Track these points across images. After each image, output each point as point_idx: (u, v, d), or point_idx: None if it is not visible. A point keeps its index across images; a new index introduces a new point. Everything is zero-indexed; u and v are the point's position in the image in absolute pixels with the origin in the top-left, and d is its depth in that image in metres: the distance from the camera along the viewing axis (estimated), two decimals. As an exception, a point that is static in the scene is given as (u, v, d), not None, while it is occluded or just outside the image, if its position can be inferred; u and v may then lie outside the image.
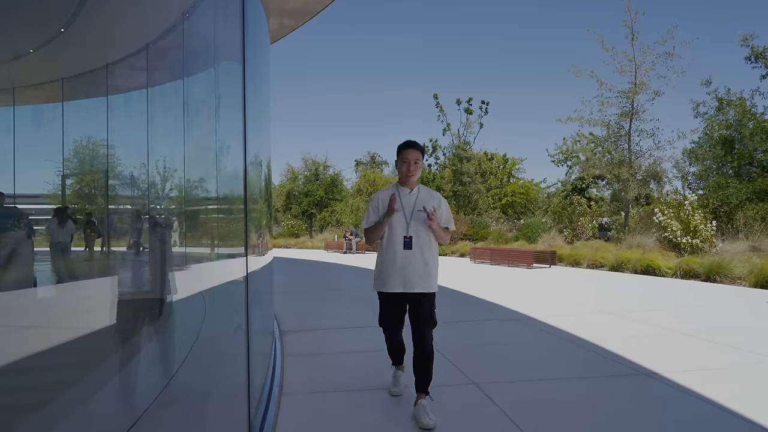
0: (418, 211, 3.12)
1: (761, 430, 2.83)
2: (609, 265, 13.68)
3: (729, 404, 3.22)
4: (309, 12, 6.46)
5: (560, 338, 5.21)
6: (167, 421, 1.67)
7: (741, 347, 4.73)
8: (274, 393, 3.31)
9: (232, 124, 2.81)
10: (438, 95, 28.93)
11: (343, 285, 10.79)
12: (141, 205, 1.63)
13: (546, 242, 18.58)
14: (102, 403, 1.31)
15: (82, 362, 1.25)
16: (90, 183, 1.36)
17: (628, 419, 3.04)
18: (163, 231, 1.75)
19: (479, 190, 27.49)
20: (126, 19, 1.55)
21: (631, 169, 18.05)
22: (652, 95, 17.87)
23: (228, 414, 2.29)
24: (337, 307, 7.51)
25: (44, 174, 1.13)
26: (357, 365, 4.24)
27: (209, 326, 2.20)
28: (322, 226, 33.07)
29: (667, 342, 5.00)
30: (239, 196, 2.82)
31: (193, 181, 2.12)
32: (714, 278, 10.86)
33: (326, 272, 13.87)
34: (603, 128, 18.86)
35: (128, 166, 1.52)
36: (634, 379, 3.81)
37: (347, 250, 22.45)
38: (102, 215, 1.41)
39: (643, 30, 23.66)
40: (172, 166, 1.82)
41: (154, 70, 1.67)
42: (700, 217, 14.49)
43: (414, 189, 3.23)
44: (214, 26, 2.53)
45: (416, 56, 74.24)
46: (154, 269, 1.67)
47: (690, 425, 2.95)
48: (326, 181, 34.60)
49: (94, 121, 1.37)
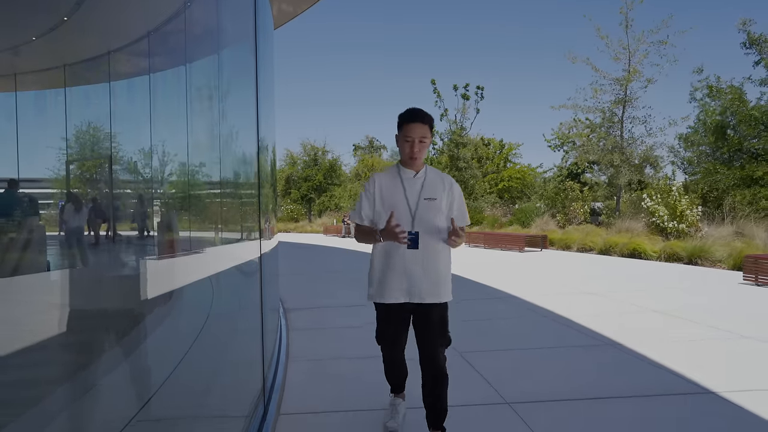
0: (426, 199, 2.43)
1: (692, 384, 3.34)
2: (598, 248, 14.20)
3: (674, 367, 3.73)
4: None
5: (541, 315, 5.72)
6: (203, 374, 2.14)
7: (701, 322, 5.24)
8: (281, 359, 3.82)
9: (246, 109, 3.08)
10: (435, 81, 29.17)
11: (341, 267, 11.30)
12: (155, 191, 1.75)
13: (539, 227, 19.10)
14: (150, 353, 1.77)
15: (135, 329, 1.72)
16: (92, 168, 1.40)
17: (583, 379, 3.55)
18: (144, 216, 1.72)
19: (475, 175, 27.93)
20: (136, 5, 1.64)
21: (623, 155, 18.49)
22: (645, 83, 18.24)
23: (249, 372, 2.78)
24: (336, 288, 8.03)
25: (47, 160, 1.13)
26: (354, 338, 4.75)
27: (230, 302, 2.67)
28: (321, 211, 33.56)
29: (637, 318, 5.52)
30: (254, 183, 3.25)
31: (218, 169, 2.51)
32: (696, 261, 11.40)
33: (325, 255, 14.38)
34: (598, 114, 19.24)
35: (149, 151, 1.59)
36: (597, 349, 4.32)
37: (345, 234, 22.96)
38: (116, 201, 1.48)
39: (638, 18, 23.81)
40: (204, 158, 2.25)
41: (167, 55, 1.81)
42: (686, 202, 14.98)
43: (420, 172, 2.50)
44: (232, 11, 2.76)
45: (415, 42, 73.97)
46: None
47: (634, 382, 3.47)
48: (325, 166, 34.97)
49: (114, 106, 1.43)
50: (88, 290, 1.31)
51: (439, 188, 2.49)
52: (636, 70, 18.16)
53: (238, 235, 2.94)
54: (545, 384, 3.47)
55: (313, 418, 2.96)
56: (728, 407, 3.02)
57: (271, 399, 3.04)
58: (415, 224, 2.42)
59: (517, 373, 3.72)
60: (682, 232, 14.49)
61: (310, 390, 3.42)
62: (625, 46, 18.22)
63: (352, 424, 2.87)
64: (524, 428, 2.77)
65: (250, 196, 3.38)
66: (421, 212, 2.43)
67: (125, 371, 1.48)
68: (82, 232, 1.19)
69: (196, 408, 2.01)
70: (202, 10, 2.33)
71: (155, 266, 1.70)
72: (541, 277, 9.21)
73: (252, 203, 3.40)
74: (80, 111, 1.31)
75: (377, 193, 2.49)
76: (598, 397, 3.22)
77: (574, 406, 3.08)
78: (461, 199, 2.57)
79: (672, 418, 2.90)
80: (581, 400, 3.17)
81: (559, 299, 6.61)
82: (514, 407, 3.06)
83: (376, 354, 2.80)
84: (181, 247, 1.95)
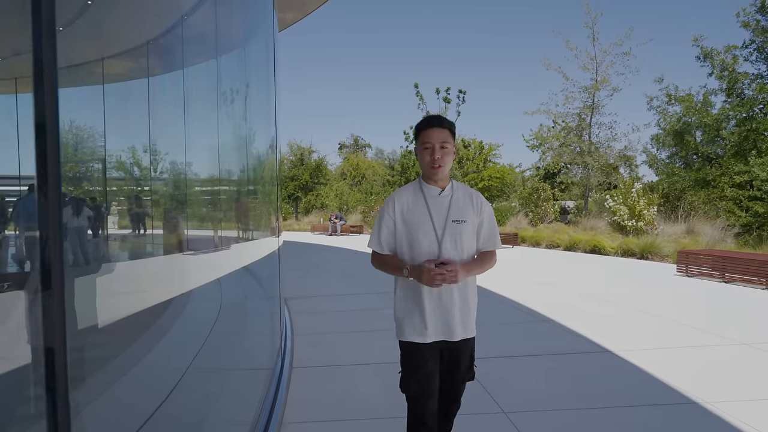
0: (454, 222, 2.12)
1: (595, 345, 4.56)
2: (564, 245, 15.54)
3: (587, 335, 4.96)
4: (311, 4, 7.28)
5: (498, 301, 6.94)
6: (249, 337, 3.24)
7: (619, 303, 6.51)
8: (289, 332, 4.95)
9: (267, 116, 3.80)
10: (418, 84, 30.33)
11: (329, 263, 12.42)
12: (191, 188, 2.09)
13: (513, 225, 20.45)
14: (220, 321, 2.88)
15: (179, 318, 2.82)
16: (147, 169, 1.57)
17: (514, 345, 4.76)
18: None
19: (455, 176, 29.19)
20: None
21: (591, 157, 19.94)
22: (611, 91, 19.69)
23: (271, 338, 3.90)
24: (324, 281, 9.17)
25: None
26: (345, 318, 5.90)
27: (260, 287, 3.78)
28: (307, 209, 34.56)
29: (572, 302, 6.77)
30: (272, 188, 4.27)
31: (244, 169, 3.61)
32: (647, 256, 12.79)
33: (313, 252, 15.47)
34: (575, 117, 20.66)
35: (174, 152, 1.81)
36: (538, 325, 5.54)
37: (332, 233, 24.05)
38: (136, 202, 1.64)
39: (604, 31, 25.21)
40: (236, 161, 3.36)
41: (195, 55, 2.06)
42: (644, 203, 16.43)
43: (446, 188, 2.16)
44: (253, 15, 3.47)
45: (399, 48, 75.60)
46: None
47: (553, 344, 4.67)
48: (311, 165, 35.93)
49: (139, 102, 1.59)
50: (184, 273, 2.35)
51: (468, 208, 2.16)
52: (605, 78, 19.61)
53: (266, 233, 4.05)
54: (487, 348, 4.67)
55: (315, 370, 4.10)
56: (617, 360, 4.26)
57: (285, 358, 4.18)
58: (442, 251, 2.09)
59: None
60: (640, 230, 15.92)
61: (311, 354, 4.56)
62: (593, 57, 19.65)
63: (343, 375, 4.02)
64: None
65: (270, 199, 4.41)
66: (448, 237, 2.10)
67: (207, 327, 2.60)
68: (85, 232, 1.25)
69: (244, 360, 3.12)
70: (227, 19, 2.71)
71: (219, 256, 2.83)
72: (506, 270, 10.46)
73: (272, 203, 4.42)
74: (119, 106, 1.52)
75: (398, 215, 2.14)
76: (521, 355, 4.43)
77: (504, 362, 4.28)
78: (492, 219, 2.24)
79: (576, 369, 4.12)
80: (510, 357, 4.37)
81: (516, 287, 7.84)
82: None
83: (361, 329, 3.96)
84: (232, 241, 3.06)
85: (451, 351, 2.18)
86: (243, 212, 3.31)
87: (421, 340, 2.12)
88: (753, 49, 17.87)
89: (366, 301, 7.02)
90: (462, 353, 2.20)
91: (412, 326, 2.14)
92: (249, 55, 3.35)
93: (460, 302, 2.16)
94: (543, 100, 37.29)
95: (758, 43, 17.67)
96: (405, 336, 2.15)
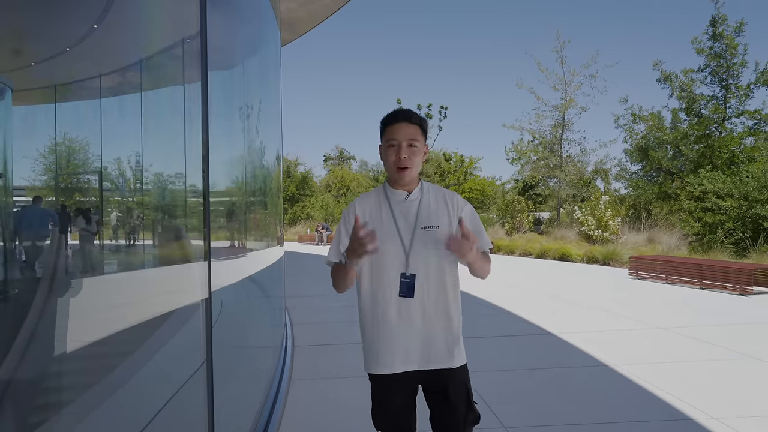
0: (424, 229, 1.80)
1: (539, 329, 5.60)
2: (535, 253, 16.71)
3: (537, 323, 6.01)
4: (314, 20, 7.48)
5: (468, 300, 7.96)
6: (267, 326, 4.18)
7: (574, 301, 7.60)
8: (288, 325, 5.90)
9: (275, 132, 4.84)
10: (401, 100, 31.62)
11: (317, 269, 13.35)
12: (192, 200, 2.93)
13: (490, 235, 21.62)
14: (248, 316, 3.83)
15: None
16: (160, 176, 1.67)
17: (476, 330, 5.78)
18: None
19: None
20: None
21: (562, 172, 21.30)
22: (580, 110, 21.15)
23: (278, 326, 4.84)
24: (314, 283, 10.11)
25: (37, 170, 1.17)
26: (335, 312, 6.88)
27: (271, 286, 4.73)
28: (293, 220, 35.40)
29: (533, 299, 7.84)
30: (278, 200, 5.31)
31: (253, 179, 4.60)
32: (608, 262, 13.99)
33: (302, 260, 16.37)
34: (552, 131, 22.02)
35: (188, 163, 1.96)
36: (498, 316, 6.58)
37: (319, 242, 24.94)
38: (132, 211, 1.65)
39: (572, 54, 26.86)
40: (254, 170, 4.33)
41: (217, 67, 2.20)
42: (610, 214, 17.75)
43: (414, 191, 1.85)
44: (267, 29, 4.88)
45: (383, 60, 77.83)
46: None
47: (506, 329, 5.70)
48: (297, 178, 36.82)
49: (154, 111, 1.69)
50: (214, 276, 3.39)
51: (441, 212, 1.84)
52: (572, 99, 21.06)
53: (275, 241, 5.03)
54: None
55: (313, 348, 5.06)
56: (554, 338, 5.31)
57: (288, 339, 5.13)
58: (410, 263, 1.79)
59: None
60: (605, 239, 17.19)
61: (309, 336, 5.52)
62: (562, 79, 21.11)
63: (335, 352, 5.00)
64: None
65: (276, 210, 5.41)
66: (417, 247, 1.79)
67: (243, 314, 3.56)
68: (92, 241, 1.30)
69: (263, 339, 4.03)
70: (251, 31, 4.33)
71: (240, 261, 3.79)
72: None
73: (278, 213, 5.43)
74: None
75: (351, 225, 1.80)
76: (479, 337, 5.46)
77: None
78: (474, 217, 1.90)
79: (520, 346, 5.15)
80: (468, 338, 5.39)
81: (485, 289, 8.89)
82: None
83: (349, 320, 4.92)
84: (252, 247, 4.03)
85: (435, 385, 1.83)
86: (256, 223, 4.25)
87: (385, 371, 1.79)
88: (708, 73, 19.52)
89: (354, 297, 7.98)
90: (449, 386, 1.80)
91: (374, 355, 1.81)
92: (262, 71, 4.00)
93: (436, 325, 1.82)
94: (518, 117, 39.20)
95: (712, 67, 19.31)
96: (369, 368, 1.84)
